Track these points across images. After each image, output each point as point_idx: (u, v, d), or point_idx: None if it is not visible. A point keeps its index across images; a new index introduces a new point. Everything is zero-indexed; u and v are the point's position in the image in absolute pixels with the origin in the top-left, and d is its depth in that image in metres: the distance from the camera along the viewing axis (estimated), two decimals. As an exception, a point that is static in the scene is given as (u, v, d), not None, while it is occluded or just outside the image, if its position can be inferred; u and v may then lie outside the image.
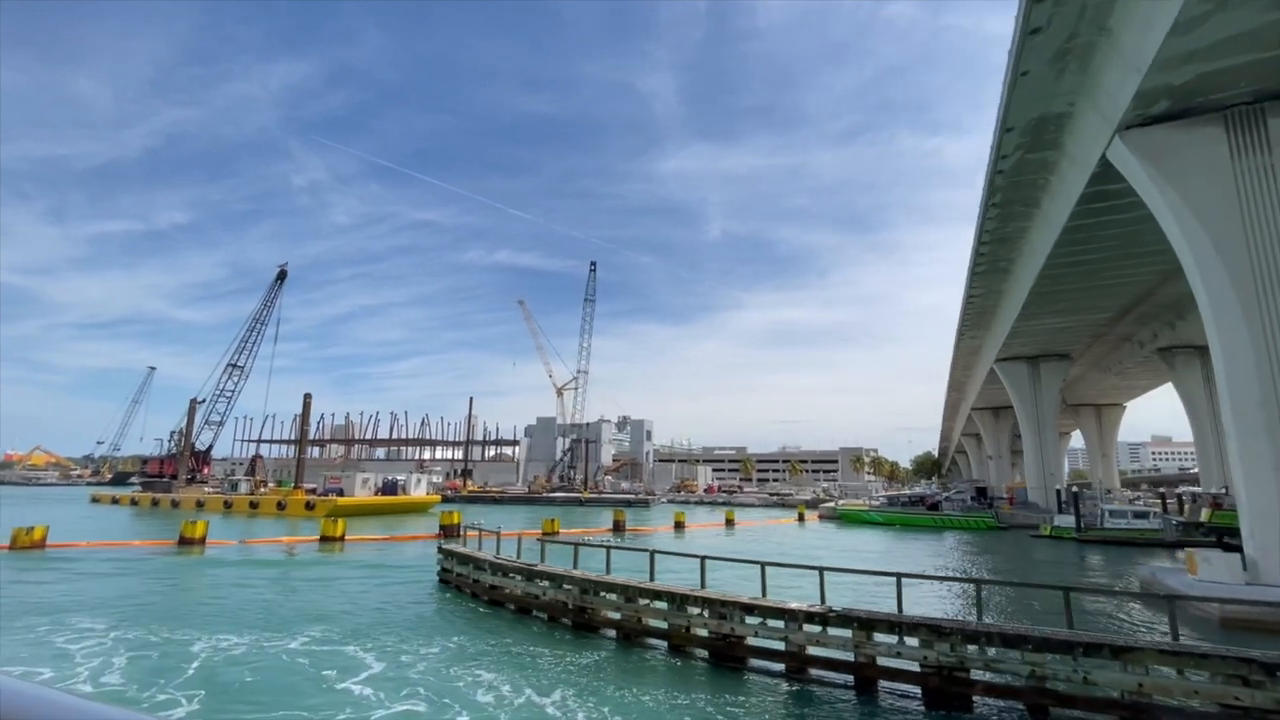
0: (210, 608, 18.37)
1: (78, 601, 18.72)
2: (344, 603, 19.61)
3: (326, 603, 19.56)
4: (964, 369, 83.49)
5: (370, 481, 58.50)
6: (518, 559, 19.50)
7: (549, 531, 40.35)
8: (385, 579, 24.10)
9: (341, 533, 35.54)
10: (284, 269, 72.14)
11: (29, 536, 29.84)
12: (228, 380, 71.29)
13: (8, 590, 20.42)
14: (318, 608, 18.71)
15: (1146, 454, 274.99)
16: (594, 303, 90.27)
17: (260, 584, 22.64)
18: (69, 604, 18.39)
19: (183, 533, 32.57)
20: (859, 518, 56.92)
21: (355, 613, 18.24)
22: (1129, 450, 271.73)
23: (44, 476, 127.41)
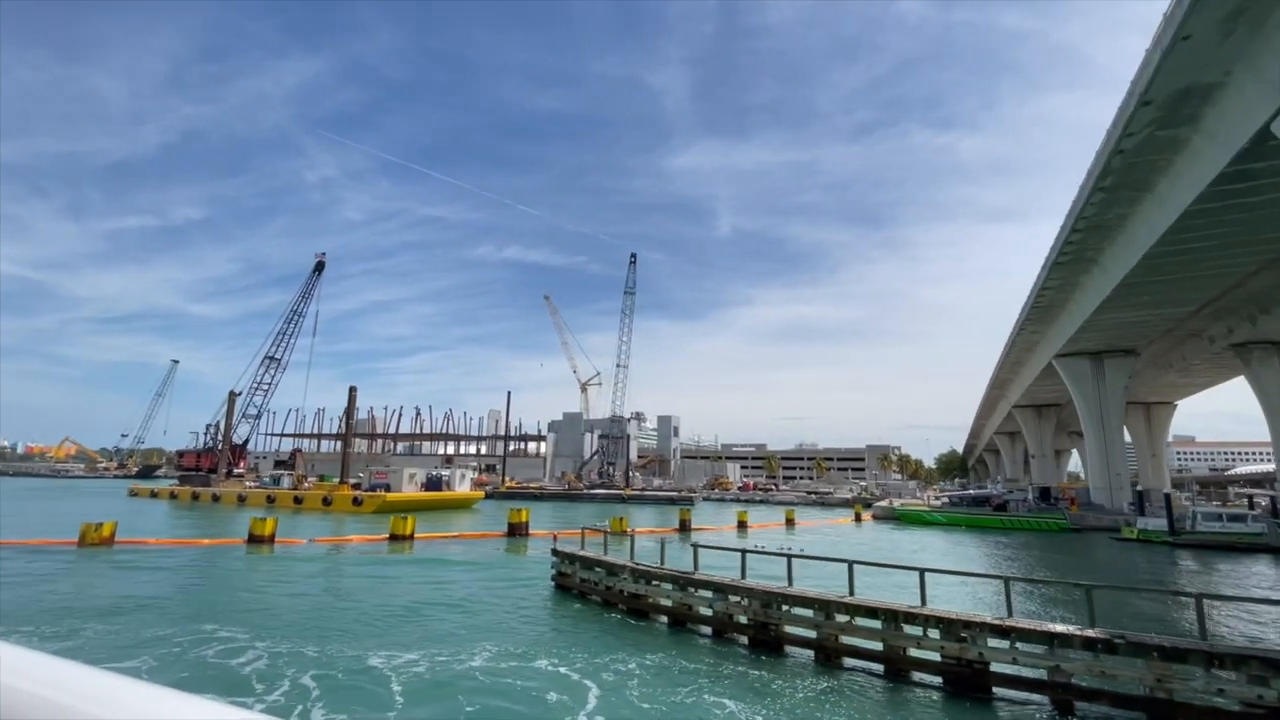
0: (341, 614, 16.87)
1: (191, 606, 17.26)
2: (477, 609, 18.04)
3: (458, 609, 18.01)
4: (1013, 365, 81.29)
5: (417, 477, 57.14)
6: (657, 563, 17.88)
7: (617, 530, 38.77)
8: (490, 582, 22.52)
9: (411, 531, 34.09)
10: (322, 259, 71.01)
11: (98, 533, 28.57)
12: (265, 373, 70.31)
13: (105, 591, 19.01)
14: (459, 616, 17.18)
15: (1171, 454, 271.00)
16: (634, 295, 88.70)
17: (368, 585, 21.09)
18: (182, 609, 16.93)
19: (252, 530, 31.21)
20: (919, 518, 55.04)
21: (503, 622, 16.70)
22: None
23: (71, 469, 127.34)
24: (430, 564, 26.97)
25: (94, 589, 19.72)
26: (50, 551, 27.20)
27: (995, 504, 52.76)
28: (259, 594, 19.63)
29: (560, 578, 20.72)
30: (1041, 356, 68.83)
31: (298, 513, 54.83)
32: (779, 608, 14.22)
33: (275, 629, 14.72)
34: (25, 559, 25.10)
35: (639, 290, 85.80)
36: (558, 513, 63.17)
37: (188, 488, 64.63)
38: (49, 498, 66.76)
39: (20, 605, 17.19)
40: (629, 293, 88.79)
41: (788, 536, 43.57)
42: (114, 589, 19.73)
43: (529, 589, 21.47)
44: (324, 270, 71.13)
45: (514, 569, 25.99)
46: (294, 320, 70.42)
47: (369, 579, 22.81)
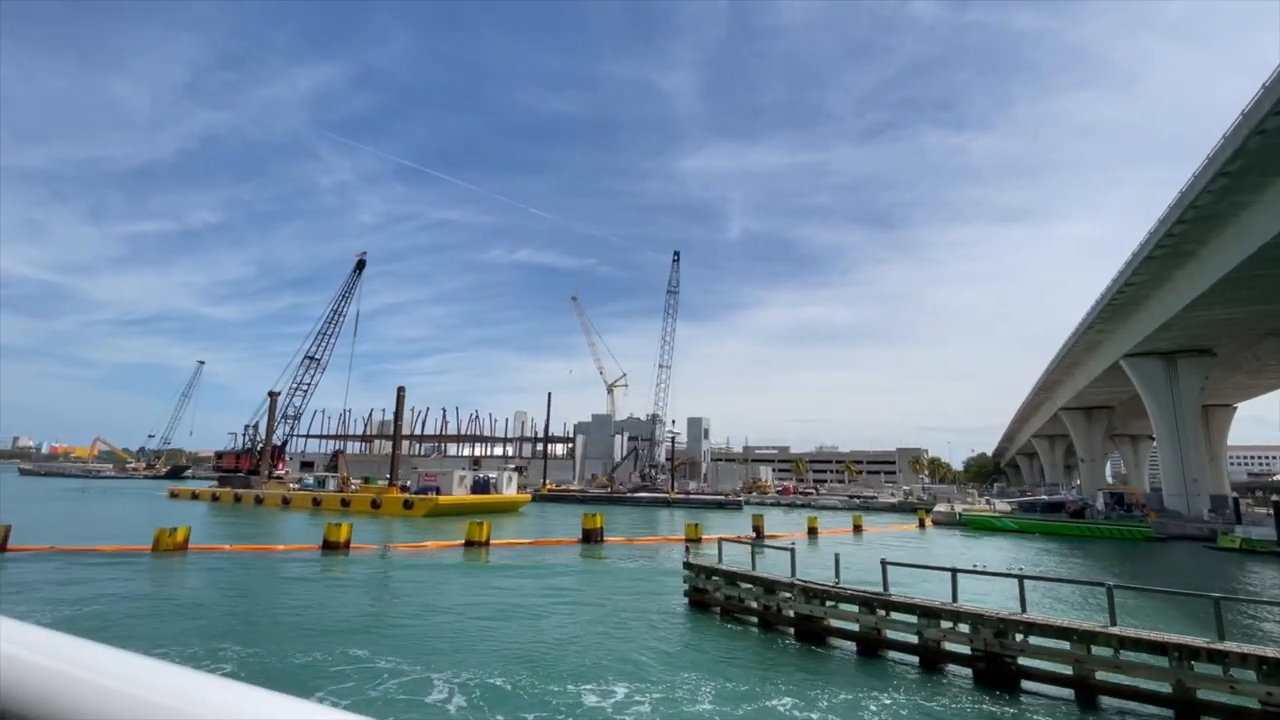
0: (490, 634, 15.26)
1: (318, 624, 15.68)
2: (626, 631, 16.32)
3: (605, 630, 16.31)
4: (1068, 367, 78.68)
5: (466, 480, 55.68)
6: (792, 576, 16.06)
7: (693, 538, 36.97)
8: (610, 596, 20.75)
9: (487, 538, 32.48)
10: (363, 258, 69.81)
11: (172, 539, 27.19)
12: (304, 373, 69.21)
13: (211, 603, 17.50)
14: (615, 640, 15.47)
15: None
16: (677, 294, 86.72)
17: (487, 599, 19.38)
18: (311, 626, 15.36)
19: (327, 536, 29.73)
20: (988, 524, 52.74)
21: (669, 645, 15.00)
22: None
23: (102, 469, 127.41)
24: (528, 574, 25.25)
25: (198, 602, 18.22)
26: (128, 558, 25.83)
27: (1071, 511, 50.33)
28: (380, 609, 18.03)
29: (696, 594, 18.93)
30: (1105, 357, 66.31)
31: (344, 516, 53.46)
32: (1015, 637, 12.35)
33: (437, 655, 13.06)
34: (109, 567, 23.75)
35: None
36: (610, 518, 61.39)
37: (229, 489, 63.60)
38: (91, 500, 66.03)
39: (139, 621, 15.70)
40: (672, 291, 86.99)
41: (860, 544, 41.56)
42: (219, 602, 18.22)
43: (653, 601, 19.71)
44: (364, 269, 70.05)
45: (621, 580, 24.24)
46: (334, 320, 69.38)
47: (483, 591, 21.13)
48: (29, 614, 15.69)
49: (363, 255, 69.61)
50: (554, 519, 57.88)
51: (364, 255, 69.55)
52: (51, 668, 0.74)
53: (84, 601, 17.65)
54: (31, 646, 0.76)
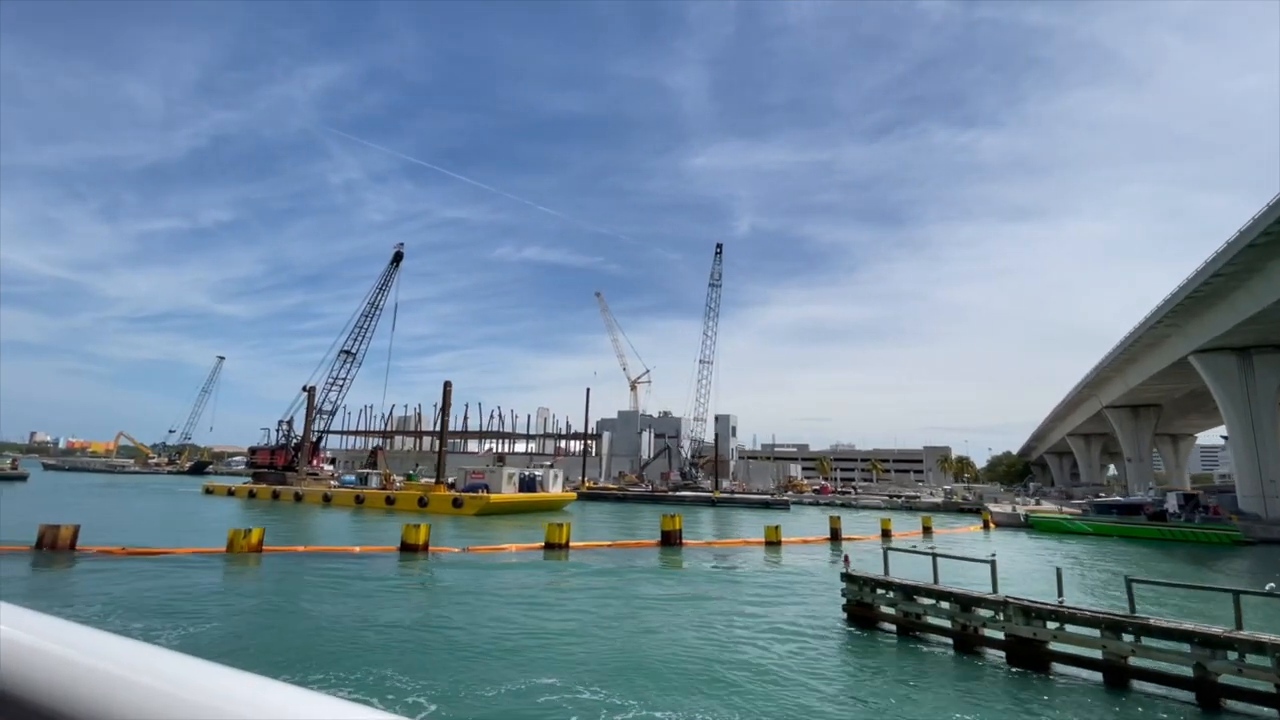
0: (649, 652, 13.45)
1: (452, 639, 13.91)
2: (793, 654, 14.49)
3: (767, 650, 14.48)
4: (1124, 363, 76.21)
5: (514, 477, 54.02)
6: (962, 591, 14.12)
7: (771, 540, 35.13)
8: (744, 606, 18.89)
9: (567, 539, 30.74)
10: (400, 250, 68.18)
11: (246, 540, 25.55)
12: (341, 368, 67.67)
13: (321, 614, 15.77)
14: (790, 665, 13.64)
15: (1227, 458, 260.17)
16: (719, 288, 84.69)
17: (627, 612, 17.49)
18: (447, 641, 13.60)
19: (405, 538, 28.07)
20: (1059, 526, 50.61)
21: (851, 676, 13.17)
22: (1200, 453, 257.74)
23: (125, 465, 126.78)
24: (636, 579, 23.38)
25: (312, 614, 16.49)
26: (204, 561, 24.23)
27: (1150, 513, 48.07)
28: (510, 619, 16.23)
29: (859, 609, 17.03)
30: (1170, 353, 63.88)
31: (390, 514, 51.88)
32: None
33: (623, 679, 11.25)
34: (189, 570, 22.14)
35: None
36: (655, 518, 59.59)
37: (266, 486, 62.22)
38: (126, 496, 64.84)
39: (268, 638, 13.99)
40: (714, 285, 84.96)
41: (949, 548, 39.48)
42: (338, 616, 16.47)
43: (800, 614, 17.85)
44: (402, 261, 68.41)
45: (745, 589, 22.35)
46: (371, 314, 67.80)
47: (612, 599, 19.20)
48: (149, 633, 14.00)
49: (400, 247, 68.05)
50: (600, 518, 56.20)
51: (401, 247, 67.99)
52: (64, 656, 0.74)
53: (193, 616, 15.96)
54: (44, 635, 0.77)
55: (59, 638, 0.79)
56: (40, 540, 23.84)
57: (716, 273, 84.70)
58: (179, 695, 0.69)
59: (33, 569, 21.66)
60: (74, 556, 23.79)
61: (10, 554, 23.45)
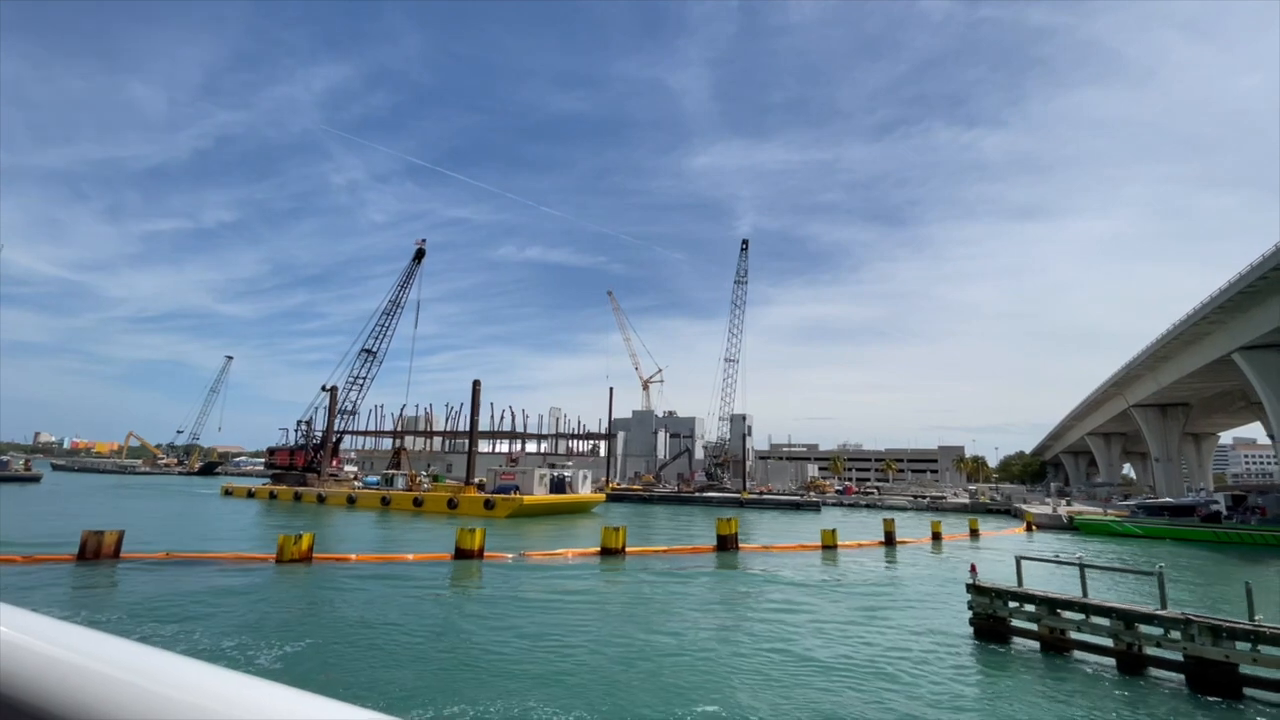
0: (796, 670, 12.10)
1: (582, 657, 12.57)
2: (933, 675, 13.16)
3: (906, 670, 13.14)
4: (1157, 360, 74.80)
5: (546, 478, 52.67)
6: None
7: (828, 544, 33.80)
8: (855, 619, 17.54)
9: (623, 544, 29.39)
10: (422, 246, 66.77)
11: (297, 547, 24.19)
12: (361, 367, 66.33)
13: (404, 628, 14.42)
14: (940, 675, 12.31)
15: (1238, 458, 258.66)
16: (746, 285, 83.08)
17: (724, 618, 16.15)
18: (584, 666, 12.26)
19: (459, 544, 26.71)
20: (1107, 529, 49.22)
21: (1031, 700, 11.81)
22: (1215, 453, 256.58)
23: (135, 465, 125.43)
24: (721, 585, 22.00)
25: (393, 628, 15.14)
26: (253, 568, 22.90)
27: (1203, 515, 46.69)
28: (622, 634, 14.86)
29: (990, 622, 15.67)
30: (1210, 350, 62.49)
31: (418, 516, 50.57)
32: None
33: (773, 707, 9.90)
34: (238, 577, 20.84)
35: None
36: (686, 520, 58.33)
37: (287, 488, 60.88)
38: (144, 498, 63.55)
39: (350, 660, 12.64)
40: (740, 282, 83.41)
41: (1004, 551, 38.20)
42: (423, 630, 15.13)
43: (915, 626, 16.50)
44: (424, 257, 66.98)
45: (837, 599, 20.98)
46: (393, 312, 66.40)
47: (710, 610, 17.80)
48: (236, 658, 12.65)
49: (422, 243, 66.59)
50: (630, 519, 54.84)
51: (423, 243, 66.55)
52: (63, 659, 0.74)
53: (271, 634, 14.61)
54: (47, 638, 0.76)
55: (56, 639, 0.78)
56: (83, 548, 22.48)
57: (743, 269, 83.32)
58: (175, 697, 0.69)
59: (78, 578, 20.32)
60: (118, 564, 22.47)
61: (52, 563, 22.10)
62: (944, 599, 21.33)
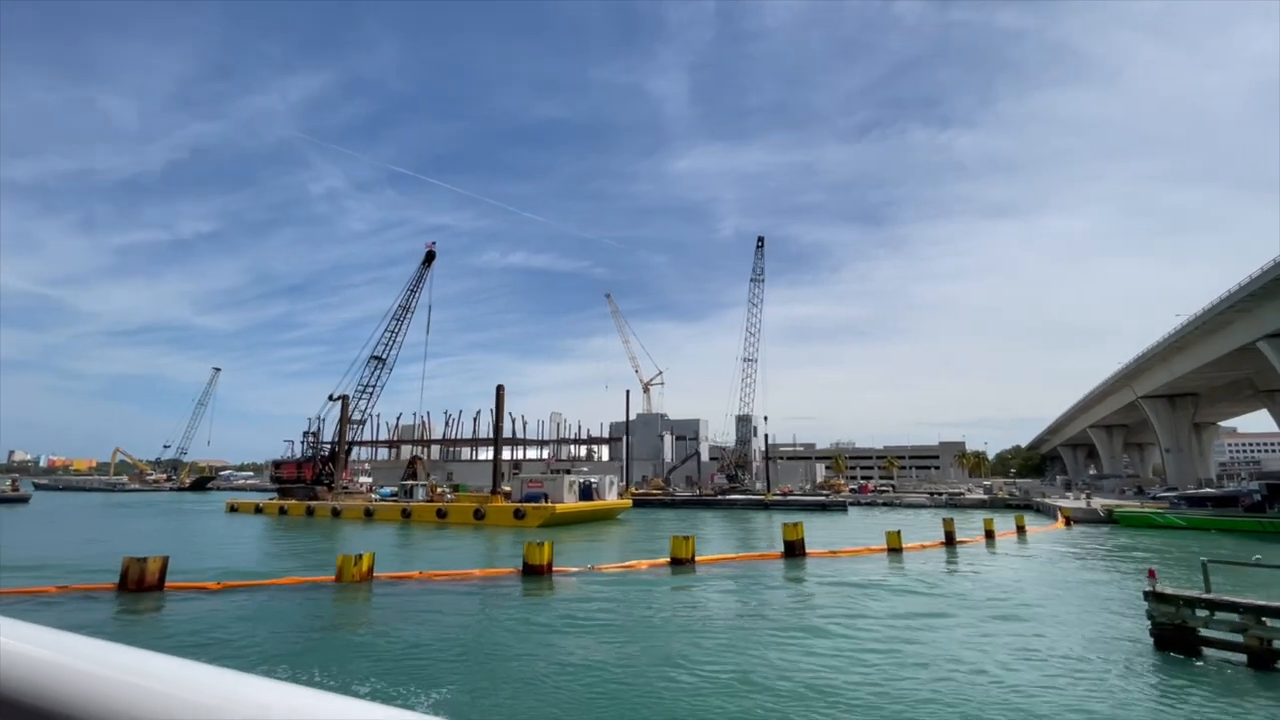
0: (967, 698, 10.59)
1: (730, 684, 10.92)
2: (1152, 694, 11.75)
3: (1112, 689, 11.71)
4: (1173, 351, 74.92)
5: (575, 485, 50.84)
6: None
7: (894, 546, 32.44)
8: (989, 631, 16.09)
9: (692, 553, 27.76)
10: (432, 249, 64.53)
11: (357, 568, 22.21)
12: (371, 375, 63.88)
13: (536, 660, 12.69)
14: (1141, 694, 10.88)
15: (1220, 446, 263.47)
16: (763, 283, 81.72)
17: (882, 639, 14.58)
18: (742, 698, 10.61)
19: (527, 558, 24.85)
20: (1149, 521, 48.61)
21: None
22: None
23: (125, 483, 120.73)
24: (824, 594, 20.40)
25: (518, 661, 13.37)
26: (314, 591, 20.94)
27: (1246, 505, 46.22)
28: (759, 659, 13.21)
29: (1176, 632, 14.30)
30: (1232, 339, 62.56)
31: (442, 529, 48.44)
32: None
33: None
34: (301, 603, 18.91)
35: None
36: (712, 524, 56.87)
37: (299, 502, 58.30)
38: (147, 518, 60.55)
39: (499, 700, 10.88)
40: (756, 280, 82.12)
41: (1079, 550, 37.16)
42: (553, 661, 13.38)
43: (1071, 636, 15.10)
44: (434, 260, 64.76)
45: (952, 603, 19.51)
46: (403, 317, 64.05)
47: (840, 624, 16.19)
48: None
49: (432, 245, 64.43)
50: (661, 526, 53.15)
51: (433, 245, 64.38)
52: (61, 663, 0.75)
53: (374, 666, 12.77)
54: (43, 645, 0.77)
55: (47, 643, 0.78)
56: (124, 576, 20.28)
57: (759, 267, 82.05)
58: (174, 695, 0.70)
59: (127, 611, 18.21)
60: (164, 594, 20.35)
61: (90, 594, 19.92)
62: (1075, 602, 20.09)
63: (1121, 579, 24.65)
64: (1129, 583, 22.91)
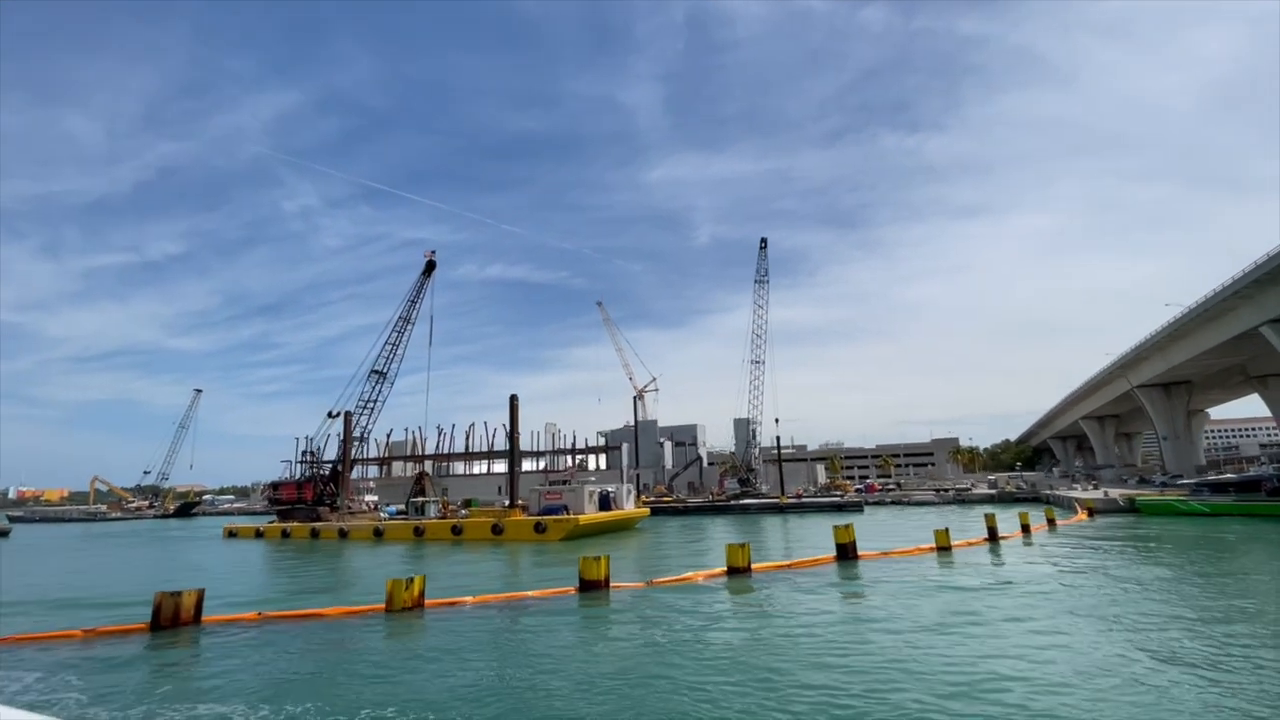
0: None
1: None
2: None
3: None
4: (1171, 340, 75.82)
5: (595, 495, 49.37)
6: None
7: (943, 545, 31.58)
8: (1182, 641, 15.14)
9: (747, 562, 26.56)
10: (432, 258, 62.70)
11: (408, 594, 20.61)
12: (372, 389, 61.73)
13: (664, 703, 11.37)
14: None
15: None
16: (768, 284, 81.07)
17: (1016, 648, 13.51)
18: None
19: (583, 574, 23.42)
20: (1172, 509, 48.57)
21: None
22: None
23: (98, 511, 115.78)
24: (918, 597, 19.30)
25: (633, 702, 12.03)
26: (363, 623, 19.28)
27: (1268, 489, 46.37)
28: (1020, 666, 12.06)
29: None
30: (1234, 325, 63.35)
31: (458, 546, 46.60)
32: None
33: None
34: (356, 637, 17.31)
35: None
36: (750, 528, 55.70)
37: (303, 524, 55.91)
38: (142, 548, 57.69)
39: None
40: (760, 281, 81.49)
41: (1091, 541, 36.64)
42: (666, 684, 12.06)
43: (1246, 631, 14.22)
44: (435, 271, 62.91)
45: (1108, 609, 18.55)
46: (403, 329, 62.08)
47: (978, 630, 15.09)
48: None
49: (431, 255, 62.60)
50: (677, 533, 51.87)
51: (433, 255, 62.55)
52: None
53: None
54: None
55: None
56: (158, 614, 18.47)
57: (763, 268, 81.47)
58: None
59: (166, 654, 16.42)
60: (201, 629, 18.60)
61: (120, 636, 18.08)
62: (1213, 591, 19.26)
63: (1217, 562, 23.98)
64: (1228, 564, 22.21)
